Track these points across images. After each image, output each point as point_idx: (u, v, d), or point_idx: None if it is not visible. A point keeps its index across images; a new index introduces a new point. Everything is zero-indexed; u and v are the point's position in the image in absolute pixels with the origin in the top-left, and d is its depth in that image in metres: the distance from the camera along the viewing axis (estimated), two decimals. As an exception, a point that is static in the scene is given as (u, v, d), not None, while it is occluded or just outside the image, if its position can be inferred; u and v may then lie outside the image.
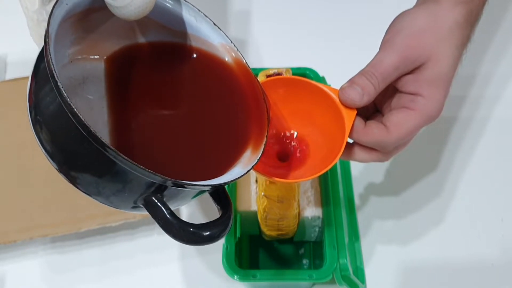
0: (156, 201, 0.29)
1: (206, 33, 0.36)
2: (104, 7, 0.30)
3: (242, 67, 0.36)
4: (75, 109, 0.25)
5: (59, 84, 0.25)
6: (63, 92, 0.25)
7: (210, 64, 0.36)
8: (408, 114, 0.36)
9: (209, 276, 0.51)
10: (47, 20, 0.27)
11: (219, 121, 0.36)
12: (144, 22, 0.33)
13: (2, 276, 0.52)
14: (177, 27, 0.36)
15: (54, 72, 0.26)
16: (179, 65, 0.36)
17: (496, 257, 0.51)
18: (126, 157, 0.26)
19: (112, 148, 0.26)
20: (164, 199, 0.29)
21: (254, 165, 0.32)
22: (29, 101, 0.29)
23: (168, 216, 0.28)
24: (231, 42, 0.36)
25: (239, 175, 0.31)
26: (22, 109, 0.29)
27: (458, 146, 0.59)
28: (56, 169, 0.29)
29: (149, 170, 0.26)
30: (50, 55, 0.26)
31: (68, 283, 0.52)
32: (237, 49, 0.36)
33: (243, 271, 0.43)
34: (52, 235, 0.51)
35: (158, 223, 0.28)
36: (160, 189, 0.29)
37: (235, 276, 0.43)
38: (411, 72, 0.36)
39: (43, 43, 0.29)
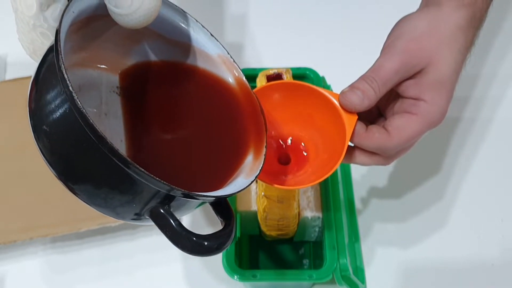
0: (164, 212, 0.28)
1: (203, 43, 0.36)
2: (105, 16, 0.30)
3: (240, 82, 0.37)
4: (91, 121, 0.25)
5: (74, 95, 0.25)
6: (78, 103, 0.25)
7: (210, 81, 0.37)
8: (410, 118, 0.36)
9: (209, 276, 0.51)
10: (57, 28, 0.27)
11: (219, 134, 0.36)
12: (140, 31, 0.33)
13: (2, 276, 0.52)
14: (174, 36, 0.36)
15: (68, 82, 0.25)
16: (183, 83, 0.37)
17: (496, 257, 0.51)
18: (144, 170, 0.26)
19: (130, 160, 0.25)
20: (171, 210, 0.29)
21: (257, 175, 0.33)
22: (29, 108, 0.28)
23: (176, 227, 0.28)
24: (228, 53, 0.36)
25: (244, 186, 0.31)
26: (22, 109, 0.29)
27: (459, 146, 0.59)
28: (56, 176, 0.28)
29: (167, 183, 0.26)
30: (63, 64, 0.26)
31: (68, 283, 0.52)
32: (234, 60, 0.37)
33: (243, 271, 0.43)
34: (52, 235, 0.51)
35: (166, 234, 0.28)
36: (167, 201, 0.29)
37: (235, 276, 0.43)
38: (412, 76, 0.36)
39: (32, 48, 0.28)
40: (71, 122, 0.26)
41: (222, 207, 0.32)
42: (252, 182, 0.32)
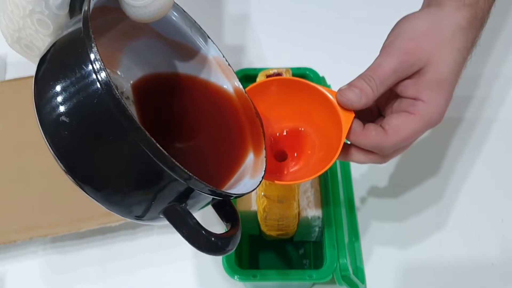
0: (181, 210, 0.28)
1: (199, 45, 0.36)
2: (110, 10, 0.30)
3: (233, 85, 0.37)
4: (129, 111, 0.24)
5: (111, 83, 0.24)
6: (116, 92, 0.24)
7: (205, 85, 0.37)
8: (408, 118, 0.36)
9: (209, 276, 0.51)
10: (85, 14, 0.26)
11: (217, 138, 0.37)
12: (139, 28, 0.33)
13: (2, 276, 0.52)
14: (171, 36, 0.36)
15: (105, 70, 0.24)
16: (180, 89, 0.37)
17: (496, 257, 0.51)
18: (180, 165, 0.25)
19: (168, 155, 0.25)
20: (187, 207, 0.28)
21: (263, 175, 0.33)
22: (37, 100, 0.27)
23: (194, 226, 0.27)
24: (223, 56, 0.37)
25: (254, 186, 0.32)
26: (22, 109, 0.28)
27: (459, 146, 0.59)
28: (65, 171, 0.27)
29: (202, 181, 0.26)
30: (98, 51, 0.24)
31: (68, 283, 0.52)
32: (229, 64, 0.37)
33: (243, 271, 0.43)
34: (52, 235, 0.51)
35: (182, 233, 0.27)
36: (184, 198, 0.28)
37: (235, 276, 0.43)
38: (411, 76, 0.36)
39: (17, 36, 0.27)
40: (100, 112, 0.25)
41: (226, 207, 0.33)
42: (260, 182, 0.32)
